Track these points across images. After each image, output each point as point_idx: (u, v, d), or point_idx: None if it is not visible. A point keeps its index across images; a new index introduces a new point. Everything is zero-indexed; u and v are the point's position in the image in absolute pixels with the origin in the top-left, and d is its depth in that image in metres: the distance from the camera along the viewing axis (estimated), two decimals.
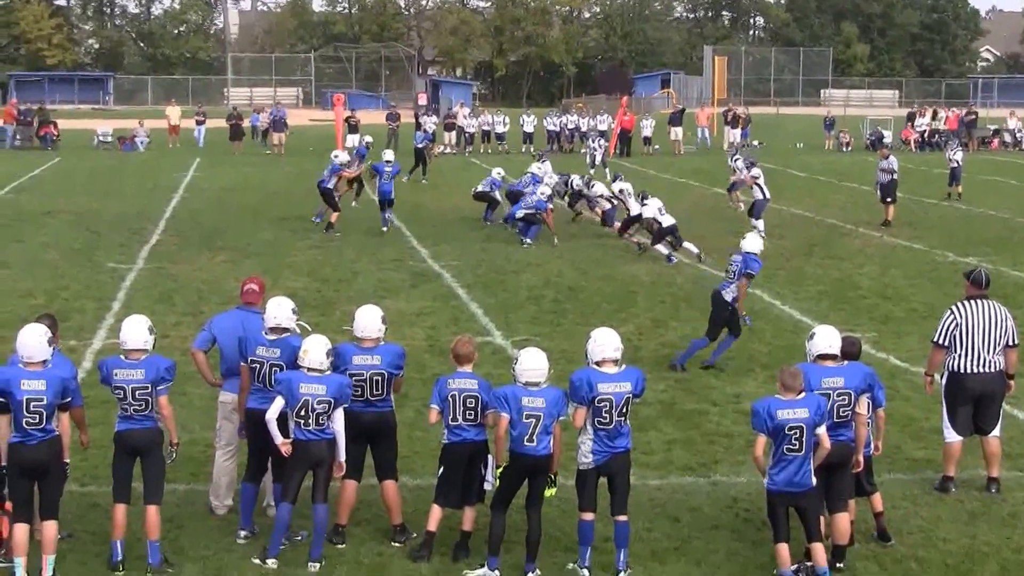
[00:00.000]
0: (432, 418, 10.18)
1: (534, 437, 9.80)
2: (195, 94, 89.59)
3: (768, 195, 28.60)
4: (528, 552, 9.90)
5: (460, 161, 48.45)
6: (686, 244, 24.74)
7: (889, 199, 30.01)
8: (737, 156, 32.27)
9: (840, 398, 9.98)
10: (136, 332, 9.94)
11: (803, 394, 9.65)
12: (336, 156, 30.37)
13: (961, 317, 11.99)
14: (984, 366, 11.95)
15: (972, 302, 12.10)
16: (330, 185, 28.59)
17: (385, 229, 28.21)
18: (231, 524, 10.63)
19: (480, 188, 30.91)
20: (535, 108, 73.34)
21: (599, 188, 28.83)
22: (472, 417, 10.06)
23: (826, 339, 10.26)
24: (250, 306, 11.11)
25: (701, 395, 15.07)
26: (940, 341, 12.06)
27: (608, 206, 27.92)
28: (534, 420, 9.78)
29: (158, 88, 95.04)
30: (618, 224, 26.52)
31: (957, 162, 35.65)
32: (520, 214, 26.82)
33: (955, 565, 10.14)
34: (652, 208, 24.55)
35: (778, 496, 9.58)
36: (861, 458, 10.23)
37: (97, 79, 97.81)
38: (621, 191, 27.34)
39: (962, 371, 11.98)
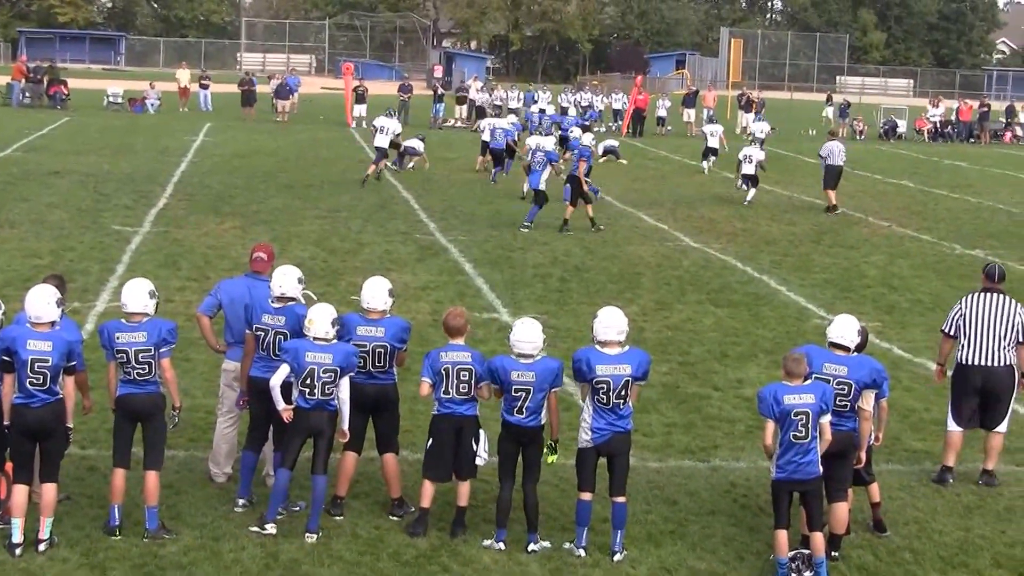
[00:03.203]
0: (424, 391, 10.19)
1: (523, 409, 9.85)
2: (207, 58, 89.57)
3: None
4: (528, 523, 9.95)
5: (470, 136, 48.33)
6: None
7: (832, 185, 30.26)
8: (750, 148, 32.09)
9: (840, 387, 9.95)
10: (137, 295, 9.90)
11: (808, 380, 9.66)
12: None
13: (967, 308, 12.10)
14: (989, 359, 11.98)
15: (983, 295, 12.19)
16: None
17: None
18: (229, 492, 10.66)
19: (495, 142, 31.20)
20: (550, 84, 73.21)
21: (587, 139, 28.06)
22: (466, 390, 10.07)
23: (839, 329, 10.23)
24: (258, 274, 11.10)
25: (703, 379, 15.08)
26: (947, 330, 12.26)
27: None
28: (523, 393, 9.82)
29: (170, 50, 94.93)
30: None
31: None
32: (542, 185, 26.26)
33: (949, 557, 10.17)
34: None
35: (784, 483, 9.58)
36: (863, 455, 10.23)
37: (109, 39, 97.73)
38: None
39: (966, 362, 12.07)
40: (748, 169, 31.02)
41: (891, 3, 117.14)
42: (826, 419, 9.59)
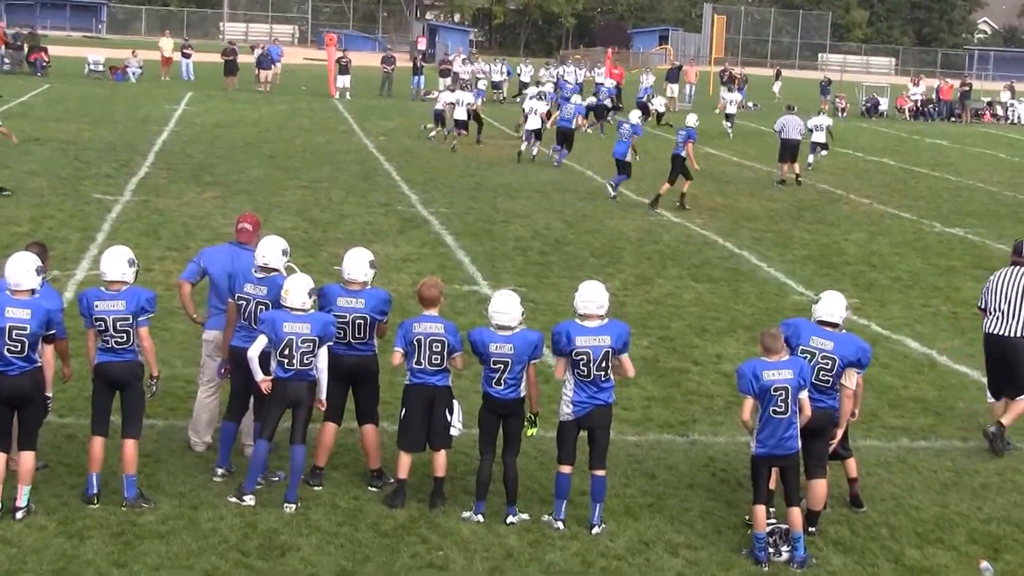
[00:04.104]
0: (396, 360, 10.18)
1: (502, 381, 9.86)
2: (190, 27, 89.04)
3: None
4: (507, 495, 9.97)
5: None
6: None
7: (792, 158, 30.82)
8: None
9: (824, 361, 9.98)
10: (116, 263, 9.85)
11: (786, 356, 9.69)
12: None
13: (993, 281, 12.55)
14: (1004, 329, 12.32)
15: (1009, 268, 12.56)
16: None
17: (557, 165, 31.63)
18: (208, 461, 10.65)
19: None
20: (533, 59, 73.02)
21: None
22: (438, 362, 10.07)
23: (828, 307, 10.26)
24: (243, 244, 11.06)
25: (683, 354, 15.11)
26: (980, 305, 12.72)
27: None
28: (502, 366, 9.83)
29: (152, 19, 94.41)
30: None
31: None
32: (628, 156, 27.22)
33: (925, 533, 10.23)
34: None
35: (765, 459, 9.61)
36: (841, 432, 10.27)
37: (90, 6, 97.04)
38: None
39: (986, 331, 12.53)
40: (819, 137, 33.32)
41: None
42: (804, 394, 9.63)
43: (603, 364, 9.80)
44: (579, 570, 9.24)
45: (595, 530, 9.82)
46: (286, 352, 9.83)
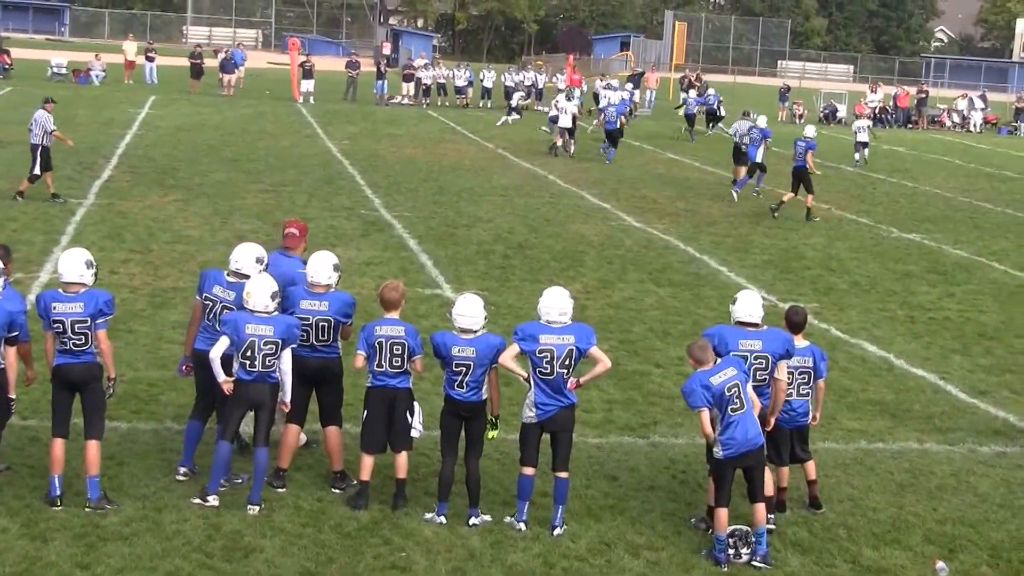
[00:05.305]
0: (358, 363, 10.26)
1: (464, 384, 9.94)
2: (153, 31, 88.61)
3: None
4: (470, 497, 10.04)
5: (417, 113, 48.31)
6: None
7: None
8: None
9: (758, 361, 10.08)
10: (73, 265, 9.85)
11: (719, 361, 9.83)
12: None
13: None
14: None
15: None
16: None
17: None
18: (172, 463, 10.66)
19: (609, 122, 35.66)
20: (495, 64, 73.14)
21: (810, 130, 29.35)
22: (399, 364, 10.13)
23: (746, 307, 10.34)
24: (288, 251, 11.13)
25: (645, 357, 15.23)
26: None
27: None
28: (464, 369, 9.90)
29: (115, 22, 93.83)
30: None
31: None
32: (759, 157, 29.23)
33: (882, 534, 10.38)
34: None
35: (732, 460, 9.67)
36: (773, 420, 10.32)
37: (53, 9, 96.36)
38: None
39: None
40: (863, 137, 38.01)
41: None
42: (750, 386, 9.78)
43: (566, 363, 9.88)
44: (541, 571, 9.32)
45: (557, 531, 9.90)
46: (248, 354, 9.87)
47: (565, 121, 36.23)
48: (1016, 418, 13.77)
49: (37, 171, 22.85)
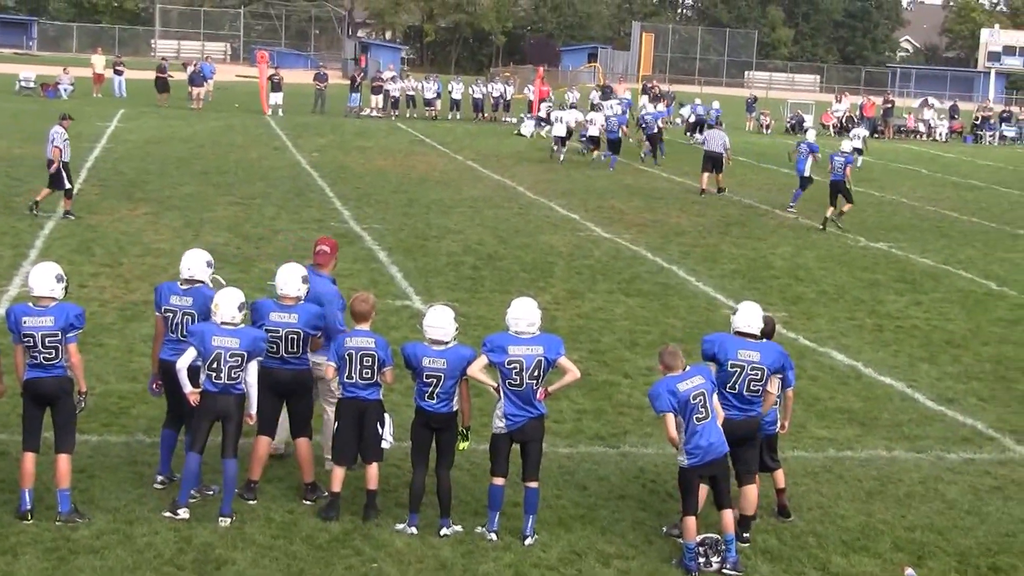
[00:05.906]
0: (329, 374, 10.30)
1: (434, 395, 9.97)
2: (122, 44, 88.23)
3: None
4: (441, 507, 10.06)
5: (386, 125, 48.30)
6: None
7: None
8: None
9: (754, 372, 10.18)
10: (44, 279, 9.83)
11: (688, 368, 9.91)
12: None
13: None
14: None
15: None
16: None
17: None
18: (143, 476, 10.66)
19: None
20: (464, 76, 73.22)
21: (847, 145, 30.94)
22: (369, 376, 10.16)
23: (746, 318, 10.45)
24: (319, 268, 11.16)
25: (614, 367, 15.29)
26: None
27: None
28: (434, 380, 9.93)
29: (83, 36, 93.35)
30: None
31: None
32: (807, 172, 30.14)
33: (851, 541, 10.45)
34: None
35: (696, 468, 9.74)
36: (788, 424, 10.47)
37: (21, 23, 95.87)
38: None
39: None
40: (858, 144, 39.27)
41: (799, 0, 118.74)
42: (715, 396, 9.86)
43: (535, 373, 9.92)
44: None
45: (528, 541, 9.94)
46: (214, 366, 9.88)
47: (559, 130, 38.49)
48: (983, 425, 13.89)
49: (68, 184, 22.75)
